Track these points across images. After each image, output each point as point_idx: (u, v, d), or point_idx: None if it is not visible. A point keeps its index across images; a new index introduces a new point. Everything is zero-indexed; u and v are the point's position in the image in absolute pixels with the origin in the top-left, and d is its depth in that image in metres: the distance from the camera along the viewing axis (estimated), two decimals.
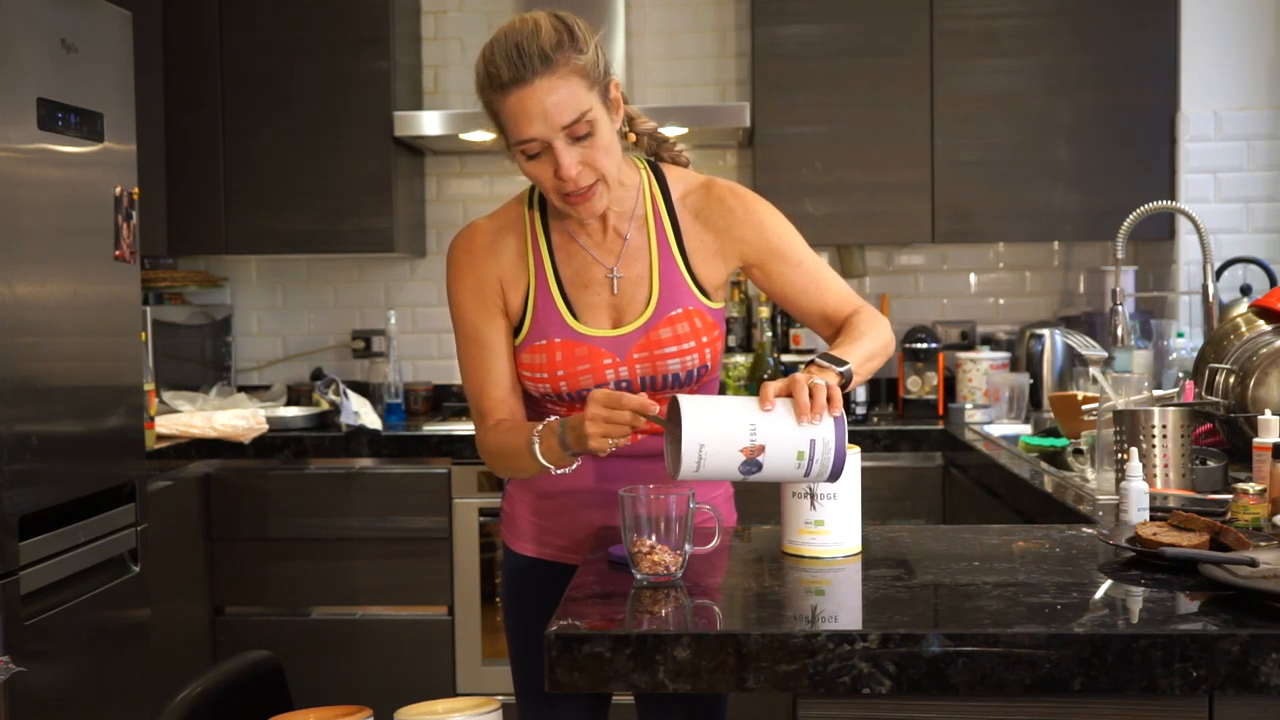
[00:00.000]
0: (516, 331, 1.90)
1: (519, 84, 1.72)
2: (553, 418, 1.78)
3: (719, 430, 1.57)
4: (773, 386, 1.61)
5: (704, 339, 1.88)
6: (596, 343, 1.86)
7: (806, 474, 1.61)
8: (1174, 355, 3.39)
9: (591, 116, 1.75)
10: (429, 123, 3.71)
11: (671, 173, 1.95)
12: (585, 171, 1.77)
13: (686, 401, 1.59)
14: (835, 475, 1.62)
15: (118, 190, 2.84)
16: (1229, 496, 1.93)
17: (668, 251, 1.90)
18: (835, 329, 1.92)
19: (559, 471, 1.78)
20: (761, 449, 1.57)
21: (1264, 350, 2.39)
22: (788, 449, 1.59)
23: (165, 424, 3.47)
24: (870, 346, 1.82)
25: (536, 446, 1.76)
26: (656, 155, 2.00)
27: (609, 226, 1.90)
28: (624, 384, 1.87)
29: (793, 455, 1.59)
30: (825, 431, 1.59)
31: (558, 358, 1.86)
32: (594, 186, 1.79)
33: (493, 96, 1.76)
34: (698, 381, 1.91)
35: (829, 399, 1.61)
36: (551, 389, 1.87)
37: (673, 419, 1.62)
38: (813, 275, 1.93)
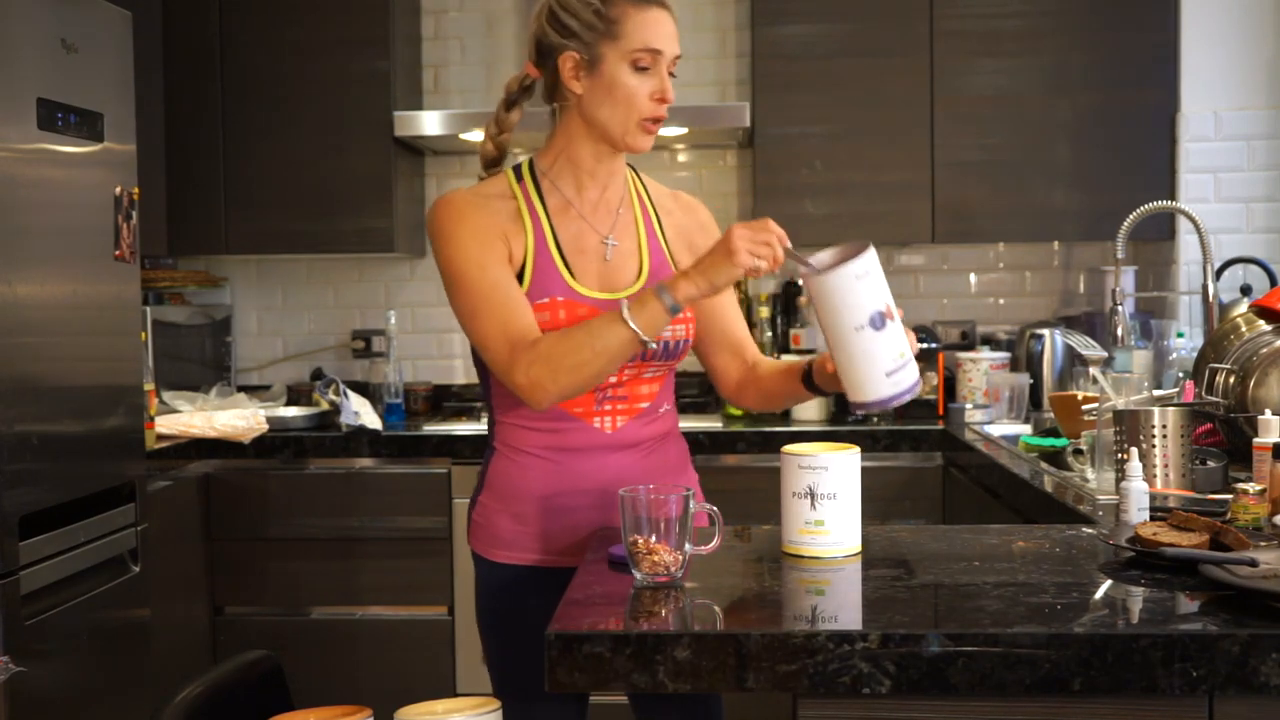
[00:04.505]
0: None
1: (659, 4, 1.88)
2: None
3: (879, 278, 1.70)
4: None
5: (688, 313, 1.97)
6: (597, 304, 1.89)
7: (897, 369, 1.72)
8: (1174, 355, 3.39)
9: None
10: (429, 123, 3.71)
11: (645, 175, 2.09)
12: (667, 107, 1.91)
13: (871, 248, 1.72)
14: (908, 393, 1.74)
15: (118, 190, 2.84)
16: (1229, 496, 1.93)
17: (653, 232, 2.01)
18: (741, 362, 2.07)
19: (648, 339, 1.76)
20: (893, 315, 1.71)
21: (1264, 350, 2.39)
22: (901, 339, 1.73)
23: (165, 424, 3.47)
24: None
25: (627, 310, 1.75)
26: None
27: (604, 197, 1.97)
28: None
29: (902, 344, 1.73)
30: (914, 367, 1.75)
31: (561, 316, 1.87)
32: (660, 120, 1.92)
33: (628, 6, 1.86)
34: (677, 356, 1.99)
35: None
36: None
37: (848, 253, 1.71)
38: (736, 304, 2.13)
